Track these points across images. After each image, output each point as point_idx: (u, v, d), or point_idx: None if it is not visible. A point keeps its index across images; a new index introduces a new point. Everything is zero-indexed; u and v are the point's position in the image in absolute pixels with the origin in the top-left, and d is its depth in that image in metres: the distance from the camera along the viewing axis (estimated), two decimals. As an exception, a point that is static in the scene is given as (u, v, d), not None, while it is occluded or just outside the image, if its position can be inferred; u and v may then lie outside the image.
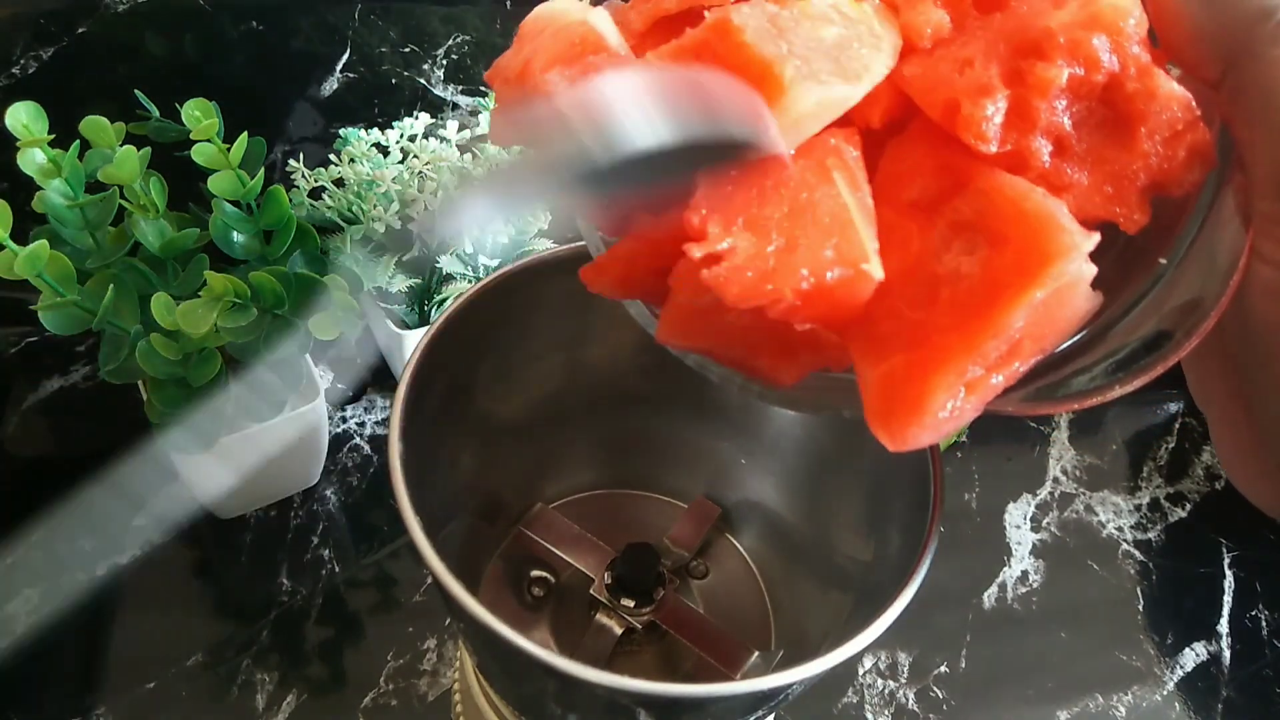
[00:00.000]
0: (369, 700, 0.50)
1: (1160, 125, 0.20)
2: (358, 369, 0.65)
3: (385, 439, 0.44)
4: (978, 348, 0.18)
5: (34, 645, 0.50)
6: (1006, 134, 0.20)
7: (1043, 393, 0.21)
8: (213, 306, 0.43)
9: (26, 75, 0.56)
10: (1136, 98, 0.20)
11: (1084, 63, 0.19)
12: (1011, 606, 0.58)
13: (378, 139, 0.55)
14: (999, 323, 0.18)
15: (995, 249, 0.19)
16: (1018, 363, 0.19)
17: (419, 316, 0.58)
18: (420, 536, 0.29)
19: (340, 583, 0.54)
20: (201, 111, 0.46)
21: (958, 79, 0.20)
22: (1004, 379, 0.19)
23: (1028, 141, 0.20)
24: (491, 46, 0.63)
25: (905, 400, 0.19)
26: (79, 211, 0.45)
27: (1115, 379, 0.20)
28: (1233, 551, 0.63)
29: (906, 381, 0.19)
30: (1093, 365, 0.21)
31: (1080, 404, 0.21)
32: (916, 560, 0.30)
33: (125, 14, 0.56)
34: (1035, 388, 0.21)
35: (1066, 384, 0.21)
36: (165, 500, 0.57)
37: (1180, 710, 0.55)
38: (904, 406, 0.19)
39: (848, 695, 0.53)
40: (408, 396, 0.32)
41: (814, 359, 0.21)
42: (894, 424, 0.19)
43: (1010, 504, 0.63)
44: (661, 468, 0.47)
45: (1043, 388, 0.21)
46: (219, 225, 0.48)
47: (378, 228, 0.52)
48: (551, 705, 0.32)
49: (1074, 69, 0.19)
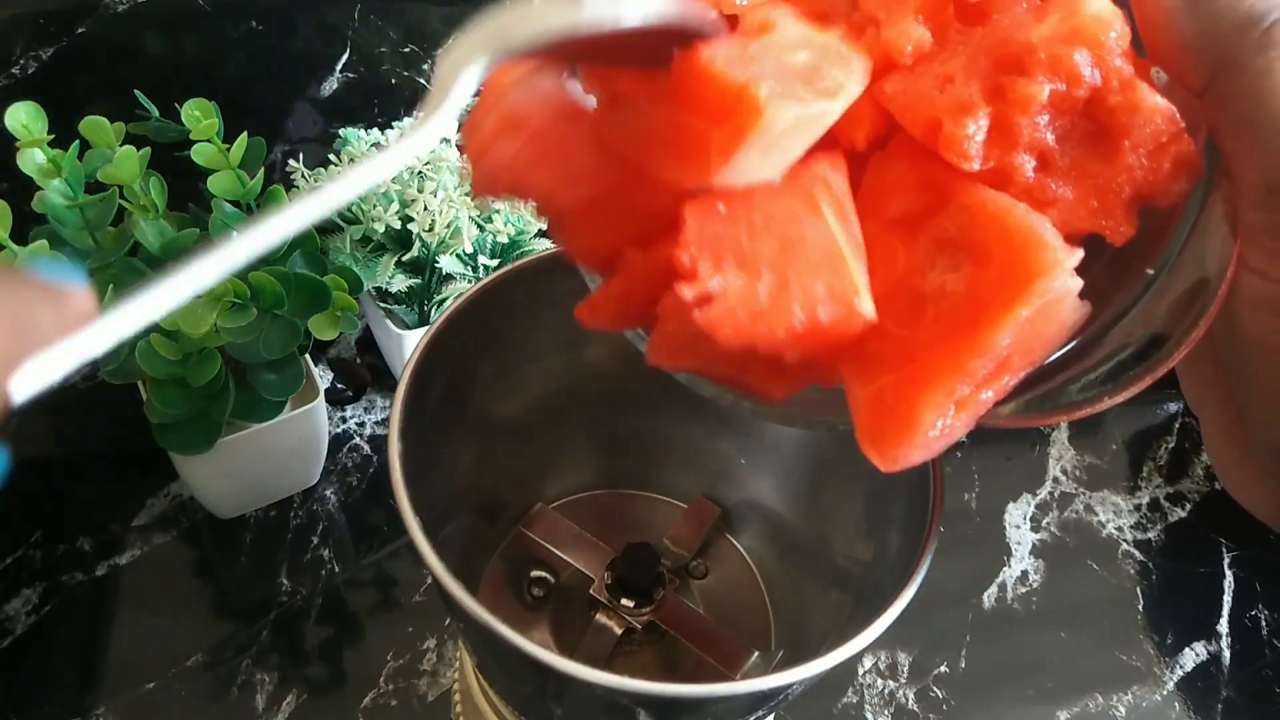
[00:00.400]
0: (369, 700, 0.50)
1: (1144, 138, 0.20)
2: (358, 369, 0.65)
3: (385, 439, 0.44)
4: (965, 366, 0.18)
5: (34, 645, 0.51)
6: (989, 151, 0.20)
7: (1032, 405, 0.21)
8: (213, 306, 0.43)
9: (26, 75, 0.56)
10: (1119, 111, 0.19)
11: (1065, 78, 0.19)
12: (1011, 606, 0.58)
13: (378, 139, 0.55)
14: (986, 341, 0.18)
15: (979, 266, 0.19)
16: (1007, 377, 0.19)
17: (419, 316, 0.58)
18: (420, 536, 0.29)
19: (340, 583, 0.54)
20: (201, 111, 0.46)
21: (938, 96, 0.20)
22: (993, 394, 0.19)
23: (1011, 158, 0.20)
24: (491, 46, 0.63)
25: (895, 420, 0.19)
26: (79, 211, 0.45)
27: (1105, 389, 0.20)
28: (1233, 551, 0.63)
29: (896, 401, 0.19)
30: (1082, 375, 0.21)
31: (1069, 416, 0.21)
32: (916, 560, 0.30)
33: (125, 14, 0.56)
34: (1025, 400, 0.21)
35: (1057, 395, 0.21)
36: (165, 500, 0.57)
37: (1180, 710, 0.55)
38: (894, 426, 0.19)
39: (848, 695, 0.53)
40: (408, 396, 0.32)
41: (804, 377, 0.21)
42: (885, 444, 0.19)
43: (1010, 504, 0.63)
44: (661, 468, 0.47)
45: (1032, 400, 0.21)
46: (219, 225, 0.48)
47: (378, 228, 0.52)
48: (551, 705, 0.32)
49: (1055, 84, 0.19)
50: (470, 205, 0.52)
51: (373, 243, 0.55)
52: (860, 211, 0.21)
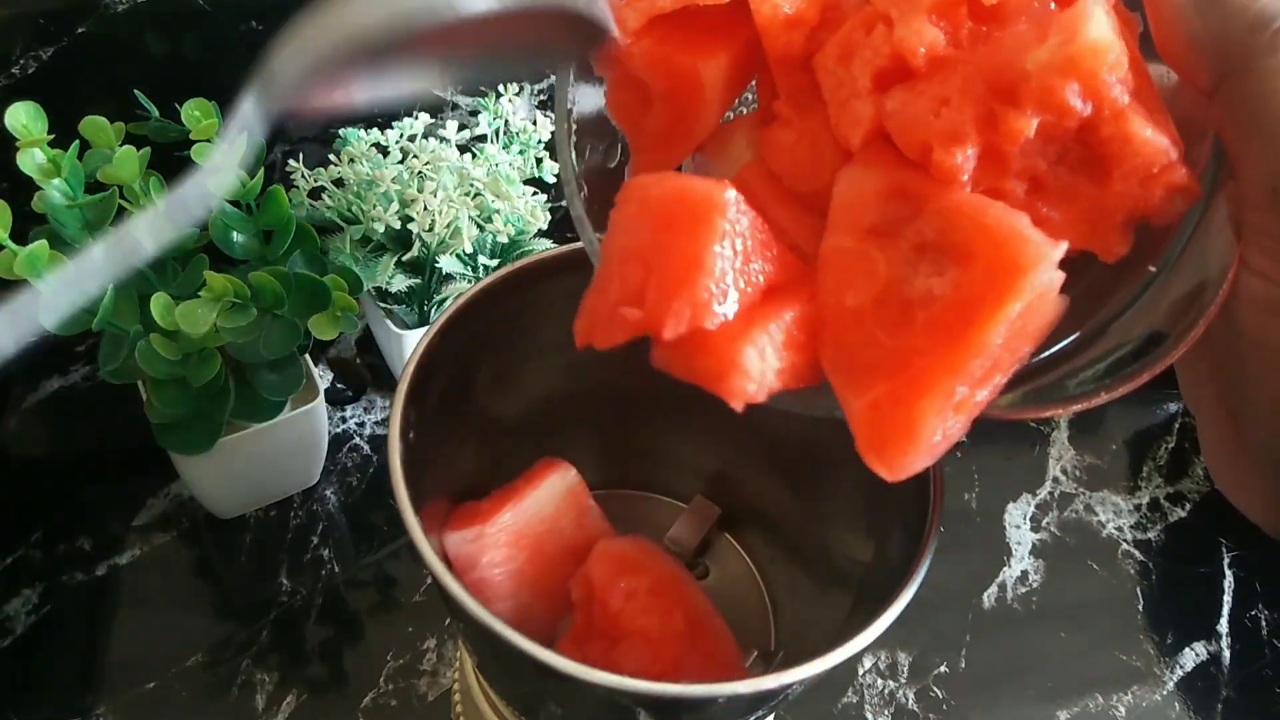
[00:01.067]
0: (369, 700, 0.50)
1: (1136, 168, 0.19)
2: (358, 369, 0.65)
3: (385, 439, 0.44)
4: (963, 368, 0.18)
5: (34, 645, 0.51)
6: (979, 177, 0.20)
7: (1030, 397, 0.21)
8: (213, 306, 0.43)
9: (26, 75, 0.56)
10: (1111, 142, 0.19)
11: (1056, 110, 0.19)
12: (1011, 606, 0.58)
13: (377, 139, 0.55)
14: (981, 341, 0.18)
15: (963, 267, 0.19)
16: (999, 375, 0.19)
17: (419, 316, 0.58)
18: (420, 536, 0.29)
19: (340, 583, 0.54)
20: (201, 111, 0.46)
21: (933, 121, 0.20)
22: (988, 394, 0.19)
23: (1001, 183, 0.20)
24: (491, 46, 0.63)
25: (896, 429, 0.19)
26: (79, 211, 0.45)
27: (1103, 384, 0.20)
28: (1233, 551, 0.63)
29: (894, 409, 0.19)
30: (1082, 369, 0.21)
31: (1067, 409, 0.21)
32: (916, 560, 0.30)
33: (125, 14, 0.56)
34: (1023, 392, 0.21)
35: (1055, 388, 0.21)
36: (165, 500, 0.57)
37: (1180, 710, 0.55)
38: (896, 435, 0.19)
39: (848, 695, 0.53)
40: (407, 396, 0.32)
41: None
42: (888, 454, 0.19)
43: (1010, 504, 0.63)
44: (661, 468, 0.47)
45: (1030, 392, 0.21)
46: (219, 225, 0.48)
47: (378, 228, 0.52)
48: (551, 705, 0.32)
49: (1046, 116, 0.19)
50: (470, 205, 0.52)
51: (373, 243, 0.55)
52: (835, 224, 0.21)
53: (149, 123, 0.50)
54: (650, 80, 0.24)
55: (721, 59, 0.23)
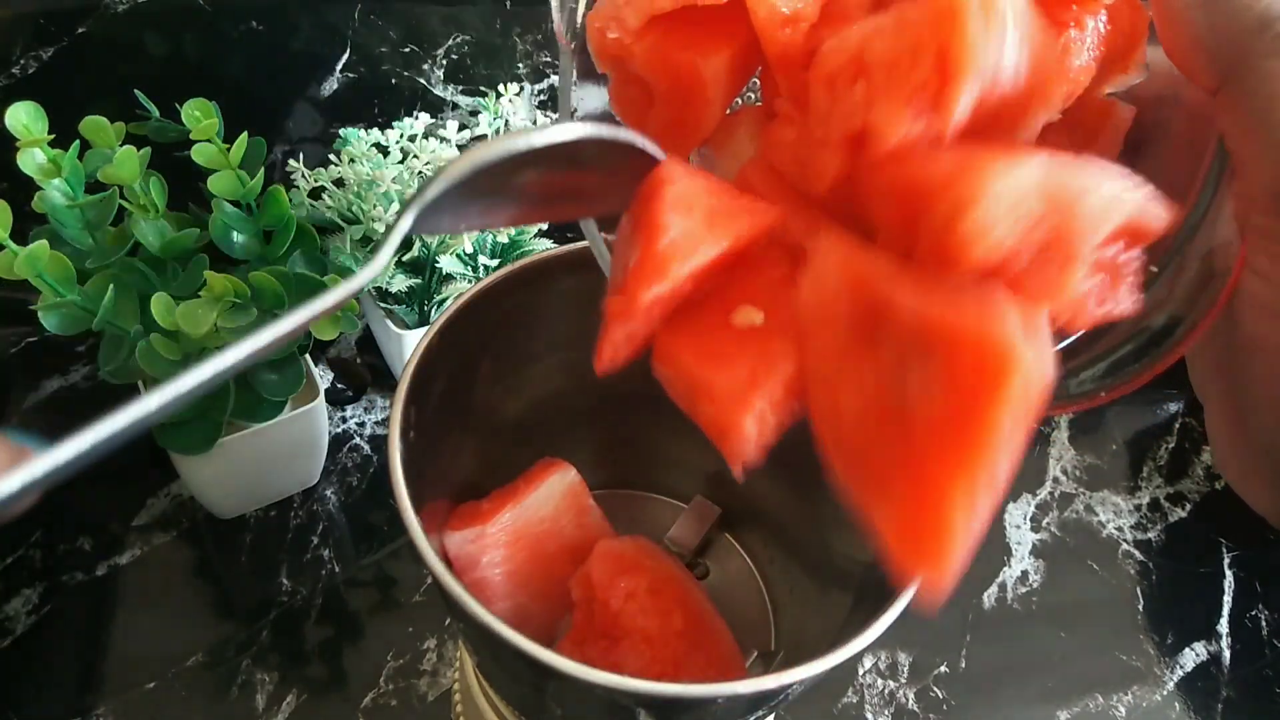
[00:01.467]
0: (369, 700, 0.50)
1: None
2: (358, 369, 0.65)
3: (385, 439, 0.44)
4: (982, 466, 0.18)
5: (34, 645, 0.51)
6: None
7: None
8: (213, 306, 0.43)
9: (26, 75, 0.56)
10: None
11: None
12: (1011, 606, 0.58)
13: (378, 139, 0.55)
14: (988, 441, 0.18)
15: (949, 365, 0.18)
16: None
17: (419, 316, 0.58)
18: (420, 536, 0.29)
19: (340, 583, 0.54)
20: (201, 111, 0.46)
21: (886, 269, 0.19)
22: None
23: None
24: (491, 46, 0.63)
25: (930, 538, 0.18)
26: (79, 211, 0.45)
27: (1103, 384, 0.20)
28: (1233, 551, 0.63)
29: (922, 517, 0.18)
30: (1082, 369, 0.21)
31: (1066, 409, 0.21)
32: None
33: (125, 14, 0.56)
34: None
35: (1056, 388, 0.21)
36: (165, 500, 0.57)
37: (1180, 710, 0.55)
38: (931, 545, 0.18)
39: (848, 695, 0.53)
40: (408, 396, 0.32)
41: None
42: (928, 564, 0.18)
43: (1010, 504, 0.63)
44: (661, 468, 0.47)
45: None
46: (219, 225, 0.48)
47: (378, 228, 0.52)
48: (551, 705, 0.32)
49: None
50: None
51: (373, 243, 0.55)
52: (811, 338, 0.20)
53: (149, 123, 0.50)
54: (652, 79, 0.24)
55: (722, 56, 0.23)
